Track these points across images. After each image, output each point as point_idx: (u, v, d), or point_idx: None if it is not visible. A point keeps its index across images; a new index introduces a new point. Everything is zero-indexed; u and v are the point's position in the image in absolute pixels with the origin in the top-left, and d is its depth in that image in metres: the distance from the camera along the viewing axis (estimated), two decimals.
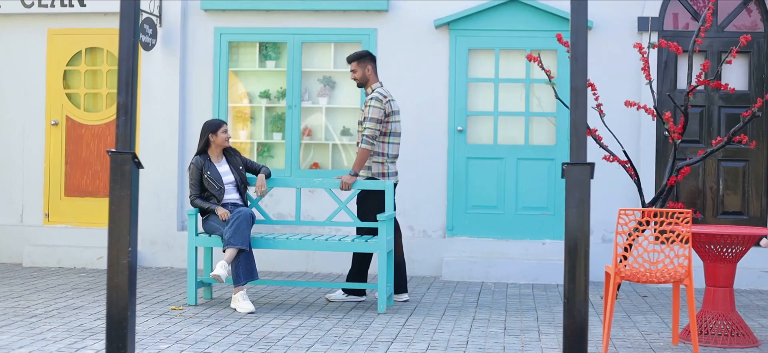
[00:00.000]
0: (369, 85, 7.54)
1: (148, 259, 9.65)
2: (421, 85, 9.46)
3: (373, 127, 7.34)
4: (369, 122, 7.35)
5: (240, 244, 7.03)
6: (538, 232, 9.39)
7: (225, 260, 7.04)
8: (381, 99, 7.40)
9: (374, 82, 7.55)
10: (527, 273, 9.03)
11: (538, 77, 9.42)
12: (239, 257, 7.07)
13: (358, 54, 7.57)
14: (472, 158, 9.43)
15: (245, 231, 7.07)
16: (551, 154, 9.38)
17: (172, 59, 9.62)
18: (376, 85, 7.53)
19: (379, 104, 7.38)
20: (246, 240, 7.06)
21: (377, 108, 7.37)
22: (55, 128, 9.94)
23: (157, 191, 9.64)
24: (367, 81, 7.53)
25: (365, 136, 7.34)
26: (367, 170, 7.48)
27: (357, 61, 7.53)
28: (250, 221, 7.15)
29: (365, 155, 7.38)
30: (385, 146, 7.48)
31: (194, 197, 7.44)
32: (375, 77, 7.57)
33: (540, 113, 9.44)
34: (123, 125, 4.46)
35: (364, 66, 7.51)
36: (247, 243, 7.06)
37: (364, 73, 7.51)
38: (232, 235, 7.05)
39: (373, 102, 7.39)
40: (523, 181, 9.39)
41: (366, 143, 7.34)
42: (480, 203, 9.42)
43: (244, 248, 7.05)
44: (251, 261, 7.13)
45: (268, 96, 9.73)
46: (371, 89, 7.51)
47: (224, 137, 7.45)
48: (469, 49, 9.44)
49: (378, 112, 7.36)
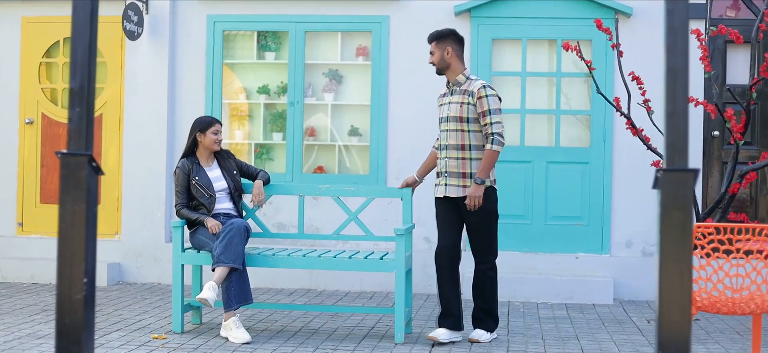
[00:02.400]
0: (453, 72, 6.06)
1: (133, 274, 8.63)
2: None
3: (499, 120, 5.93)
4: (494, 115, 5.90)
5: (232, 262, 6.01)
6: (571, 244, 8.36)
7: (214, 281, 6.02)
8: (492, 87, 6.07)
9: (462, 68, 6.09)
10: (559, 291, 8.00)
11: (570, 71, 8.40)
12: (231, 278, 6.05)
13: (437, 33, 6.13)
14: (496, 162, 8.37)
15: (238, 247, 6.05)
16: (585, 157, 8.35)
17: (160, 50, 8.60)
18: (470, 73, 6.23)
19: (494, 91, 5.99)
20: (239, 257, 6.04)
21: (495, 97, 5.95)
22: (29, 127, 8.91)
23: (143, 196, 8.62)
24: (447, 66, 6.06)
25: (496, 135, 5.87)
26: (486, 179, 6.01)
27: (436, 41, 6.09)
28: (245, 236, 6.13)
29: (494, 158, 5.93)
30: None
31: (180, 207, 6.42)
32: (462, 63, 6.11)
33: (572, 110, 8.42)
34: (77, 118, 3.43)
35: (442, 47, 6.05)
36: (241, 261, 6.04)
37: (442, 56, 6.05)
38: (223, 251, 6.03)
39: (489, 90, 5.95)
40: (554, 187, 8.37)
41: (497, 144, 5.88)
42: (504, 211, 8.37)
43: (236, 267, 6.03)
44: (245, 282, 6.11)
45: (268, 92, 8.71)
46: (465, 78, 6.06)
47: (213, 138, 6.42)
48: (492, 39, 8.41)
49: (498, 102, 5.97)
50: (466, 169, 6.00)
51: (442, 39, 6.09)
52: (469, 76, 6.08)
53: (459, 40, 6.12)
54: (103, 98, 8.81)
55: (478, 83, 5.99)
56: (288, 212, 8.49)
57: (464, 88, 6.03)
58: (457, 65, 6.08)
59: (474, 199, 5.91)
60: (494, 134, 5.89)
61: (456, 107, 6.00)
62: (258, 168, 6.69)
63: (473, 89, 5.96)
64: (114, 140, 8.77)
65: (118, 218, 8.75)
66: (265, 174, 6.61)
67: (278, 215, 8.47)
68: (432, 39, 6.15)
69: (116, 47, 8.77)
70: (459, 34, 6.13)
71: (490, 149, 5.90)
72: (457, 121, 5.99)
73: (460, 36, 6.13)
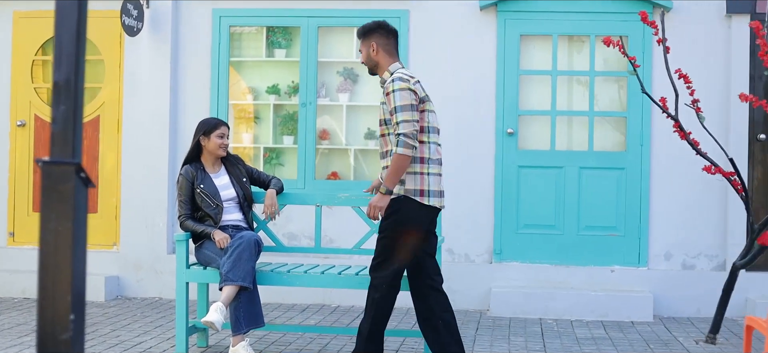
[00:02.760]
0: (382, 69, 5.21)
1: (132, 288, 8.01)
2: (463, 78, 7.81)
3: (409, 118, 4.92)
4: (400, 112, 4.92)
5: (240, 281, 5.39)
6: (606, 256, 7.73)
7: (221, 302, 5.39)
8: (406, 78, 5.03)
9: (390, 61, 5.20)
10: (594, 308, 7.37)
11: (604, 69, 7.79)
12: (240, 298, 5.43)
13: (363, 28, 5.27)
14: (524, 167, 7.78)
15: (248, 264, 5.43)
16: (621, 162, 7.73)
17: (162, 47, 7.98)
18: (395, 68, 5.17)
19: (404, 83, 4.98)
20: (248, 275, 5.42)
21: (405, 90, 4.96)
22: (21, 130, 8.30)
23: (143, 203, 8.00)
24: (375, 64, 5.22)
25: (402, 135, 4.90)
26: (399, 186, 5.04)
27: (362, 38, 5.27)
28: (255, 251, 5.51)
29: (403, 164, 4.92)
30: (423, 149, 5.06)
31: (184, 218, 5.80)
32: (390, 57, 5.20)
33: (607, 112, 7.79)
34: (62, 119, 2.83)
35: (368, 44, 5.21)
36: (250, 279, 5.42)
37: (368, 54, 5.21)
38: (231, 269, 5.42)
39: (397, 84, 4.98)
40: (587, 194, 7.74)
41: (404, 146, 4.88)
42: (534, 221, 7.77)
43: (245, 286, 5.40)
44: (255, 303, 5.49)
45: (277, 92, 8.09)
46: (389, 74, 5.15)
47: (218, 143, 5.80)
48: (521, 34, 7.79)
49: (408, 95, 4.94)
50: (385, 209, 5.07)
51: (368, 34, 5.23)
52: (392, 71, 5.15)
53: (389, 33, 5.24)
54: (100, 98, 8.19)
55: (390, 78, 5.09)
56: (299, 222, 7.87)
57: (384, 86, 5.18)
58: (385, 61, 5.20)
59: (374, 208, 4.97)
60: (400, 134, 4.91)
61: (381, 109, 5.15)
62: (270, 175, 6.07)
63: (385, 86, 5.08)
64: (112, 144, 8.15)
65: (116, 227, 8.14)
66: (278, 182, 5.99)
67: (289, 225, 7.85)
68: (358, 36, 5.31)
69: (114, 44, 8.15)
70: (389, 27, 5.26)
71: (395, 155, 4.91)
72: (383, 124, 5.12)
73: (390, 28, 5.25)
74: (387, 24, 5.27)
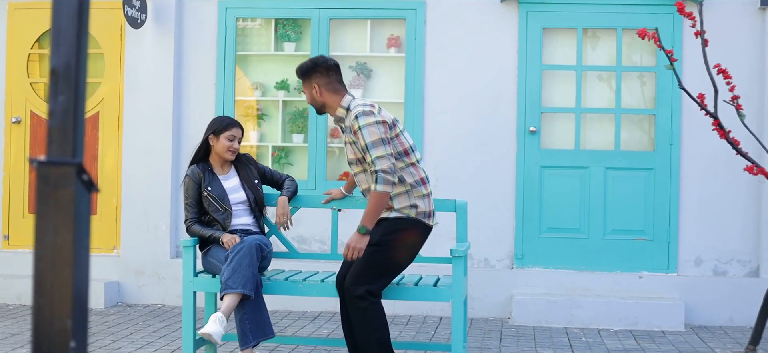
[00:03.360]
0: (331, 108, 4.96)
1: (134, 294, 7.60)
2: (483, 74, 7.41)
3: (383, 154, 4.73)
4: (373, 149, 4.73)
5: (240, 288, 4.97)
6: (633, 262, 7.33)
7: (221, 312, 4.98)
8: (370, 111, 4.81)
9: (340, 99, 4.93)
10: (622, 316, 6.98)
11: (632, 64, 7.40)
12: (244, 308, 5.02)
13: (300, 69, 5.00)
14: (547, 167, 7.38)
15: (248, 270, 5.00)
16: (649, 162, 7.33)
17: (165, 40, 7.58)
18: (348, 101, 4.93)
19: (371, 117, 4.78)
20: (249, 282, 4.99)
21: (373, 125, 4.76)
22: (16, 127, 7.89)
23: (145, 205, 7.59)
24: (321, 105, 4.98)
25: (379, 172, 4.70)
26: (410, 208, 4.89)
27: (302, 81, 5.03)
28: (257, 256, 5.07)
29: (383, 201, 4.76)
30: (417, 170, 4.91)
31: (191, 222, 5.39)
32: (337, 94, 4.93)
33: (635, 109, 7.40)
34: (61, 111, 2.42)
35: (309, 86, 4.96)
36: (252, 287, 5.00)
37: (312, 96, 4.96)
38: (230, 276, 5.01)
39: (362, 119, 4.77)
40: (613, 196, 7.34)
41: (383, 183, 4.71)
42: (558, 224, 7.38)
43: (247, 295, 4.99)
44: (261, 312, 5.07)
45: (287, 88, 7.69)
46: (344, 110, 4.92)
47: (226, 145, 5.37)
48: (543, 28, 7.39)
49: (376, 129, 4.75)
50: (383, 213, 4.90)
51: (306, 76, 4.98)
52: (347, 106, 4.92)
53: (328, 70, 4.96)
54: (100, 93, 7.78)
55: (352, 114, 4.85)
56: (310, 225, 7.46)
57: (346, 124, 4.95)
58: (332, 99, 4.95)
59: (353, 250, 4.78)
60: (377, 172, 4.72)
61: (350, 149, 4.96)
62: (284, 174, 5.65)
63: (350, 125, 4.88)
64: (112, 142, 7.74)
65: (116, 230, 7.73)
66: (292, 183, 5.58)
67: (299, 227, 7.44)
68: (298, 77, 5.06)
69: (115, 37, 7.74)
70: (328, 62, 4.98)
71: (374, 192, 4.74)
72: (355, 163, 4.97)
73: (329, 63, 4.98)
74: (325, 60, 4.99)
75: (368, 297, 4.79)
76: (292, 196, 5.53)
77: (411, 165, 4.90)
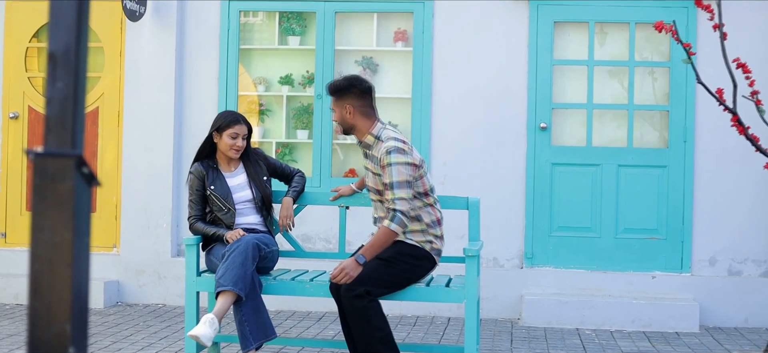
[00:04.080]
0: (360, 132, 4.84)
1: (134, 294, 7.42)
2: (493, 69, 7.23)
3: (405, 196, 4.64)
4: (398, 189, 4.63)
5: (230, 285, 4.77)
6: (646, 261, 7.16)
7: (214, 313, 4.78)
8: (403, 148, 4.70)
9: (370, 125, 4.83)
10: (636, 317, 6.80)
11: (645, 59, 7.22)
12: (242, 310, 4.83)
13: (334, 87, 4.85)
14: (558, 165, 7.21)
15: (241, 268, 4.81)
16: (662, 159, 7.16)
17: (167, 33, 7.39)
18: (379, 130, 4.82)
19: (403, 156, 4.67)
20: (241, 281, 4.79)
21: (403, 165, 4.66)
22: (14, 123, 7.70)
23: (146, 203, 7.41)
24: (351, 127, 4.86)
25: (398, 212, 4.63)
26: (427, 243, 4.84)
27: (334, 99, 4.87)
28: (254, 254, 4.88)
29: (390, 240, 4.69)
30: (435, 211, 4.87)
31: (194, 220, 5.21)
32: (368, 118, 4.82)
33: (648, 105, 7.22)
34: (60, 99, 2.24)
35: (341, 105, 4.83)
36: (243, 286, 4.79)
37: (343, 116, 4.84)
38: (223, 273, 4.82)
39: (395, 156, 4.65)
40: (625, 194, 7.17)
41: (398, 223, 4.63)
42: (568, 223, 7.20)
43: (238, 294, 4.79)
44: (261, 313, 4.89)
45: (291, 82, 7.51)
46: (374, 139, 4.82)
47: (229, 143, 5.18)
48: (554, 22, 7.22)
49: (405, 171, 4.66)
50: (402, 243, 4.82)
51: (340, 95, 4.84)
52: (378, 135, 4.81)
53: (363, 92, 4.83)
54: (99, 88, 7.60)
55: (384, 147, 4.71)
56: (314, 223, 7.29)
57: (374, 153, 4.83)
58: (363, 123, 4.83)
59: (345, 275, 4.66)
60: (396, 211, 4.64)
61: (372, 178, 4.87)
62: (295, 169, 5.47)
63: (379, 156, 4.75)
64: (112, 138, 7.56)
65: (116, 228, 7.55)
66: (301, 180, 5.40)
67: (304, 225, 7.26)
68: (330, 93, 4.91)
69: (115, 30, 7.56)
70: (363, 84, 4.85)
71: (385, 228, 4.66)
72: (375, 193, 4.87)
73: (364, 85, 4.85)
74: (361, 81, 4.86)
75: (366, 295, 4.65)
76: (299, 195, 5.35)
77: (429, 205, 4.83)
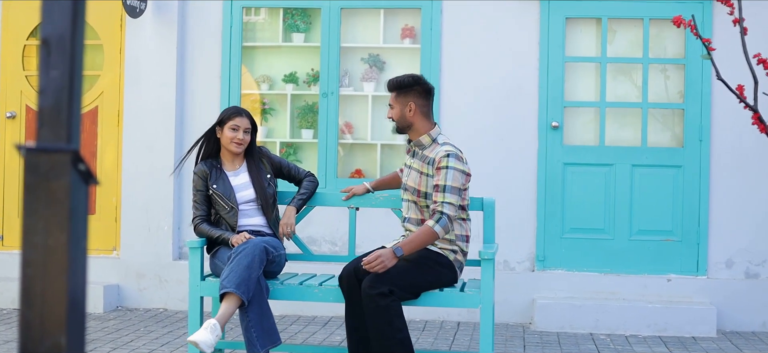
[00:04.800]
0: (416, 132, 4.77)
1: (134, 298, 7.23)
2: (503, 66, 7.04)
3: (454, 202, 4.60)
4: (450, 193, 4.57)
5: (233, 287, 4.58)
6: (661, 264, 6.96)
7: (216, 319, 4.58)
8: (461, 156, 4.69)
9: (429, 127, 4.77)
10: (651, 321, 6.61)
11: (659, 56, 7.04)
12: (249, 315, 4.65)
13: (398, 81, 4.78)
14: (570, 165, 7.02)
15: (246, 271, 4.61)
16: (677, 159, 6.96)
17: (168, 31, 7.21)
18: (437, 133, 4.78)
19: (460, 164, 4.64)
20: (244, 284, 4.60)
21: (460, 172, 4.62)
22: (11, 122, 7.51)
23: (147, 204, 7.22)
24: (408, 126, 4.77)
25: (445, 215, 4.56)
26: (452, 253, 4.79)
27: (396, 93, 4.78)
28: (261, 258, 4.70)
29: (431, 241, 4.62)
30: (467, 227, 4.82)
31: (199, 221, 5.02)
32: (428, 121, 4.77)
33: (662, 103, 7.03)
34: (54, 89, 2.05)
35: (404, 102, 4.75)
36: (247, 290, 4.60)
37: (402, 113, 4.76)
38: (227, 275, 4.64)
39: (453, 161, 4.60)
40: (640, 195, 6.98)
41: (443, 226, 4.57)
42: (581, 224, 7.01)
43: (241, 298, 4.59)
44: (267, 317, 4.71)
45: (295, 81, 7.32)
46: (430, 140, 4.75)
47: (229, 136, 5.00)
48: (566, 18, 7.03)
49: (460, 178, 4.63)
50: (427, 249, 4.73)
51: (404, 91, 4.76)
52: (435, 138, 4.76)
53: (426, 92, 4.79)
54: (99, 87, 7.41)
55: (444, 150, 4.66)
56: (320, 225, 7.09)
57: (426, 153, 4.73)
58: (422, 124, 4.77)
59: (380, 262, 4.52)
60: (443, 214, 4.58)
61: (415, 176, 4.75)
62: (304, 171, 5.27)
63: (434, 157, 4.67)
64: (112, 137, 7.37)
65: (116, 230, 7.35)
66: (311, 185, 5.20)
67: (308, 227, 7.07)
68: (391, 88, 4.81)
69: (115, 27, 7.37)
70: (426, 84, 4.81)
71: (429, 228, 4.57)
72: (415, 193, 4.75)
73: (427, 86, 4.81)
74: (425, 80, 4.81)
75: (390, 294, 4.48)
76: (305, 202, 5.15)
77: (462, 220, 4.78)
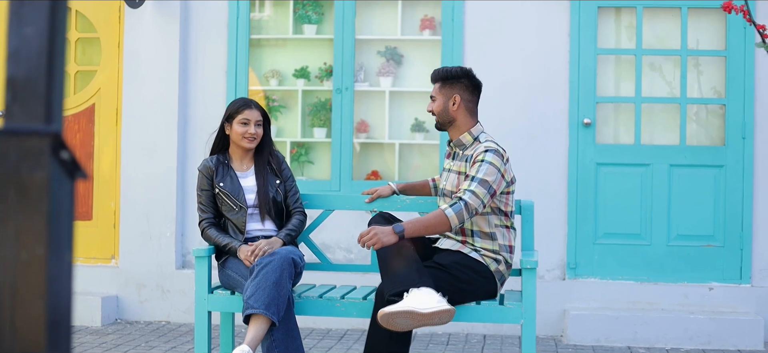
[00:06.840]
0: (457, 129, 4.45)
1: (134, 310, 6.73)
2: (530, 59, 6.56)
3: (480, 194, 4.16)
4: (477, 184, 4.17)
5: (262, 308, 4.10)
6: (702, 271, 6.47)
7: (247, 344, 4.08)
8: (503, 155, 4.30)
9: (472, 124, 4.44)
10: (693, 333, 6.12)
11: (699, 48, 6.55)
12: (273, 334, 4.16)
13: (445, 72, 4.45)
14: (603, 165, 6.53)
15: (274, 289, 4.13)
16: (719, 158, 6.48)
17: (170, 24, 6.72)
18: (479, 131, 4.44)
19: (498, 161, 4.24)
20: (274, 304, 4.12)
21: (495, 168, 4.22)
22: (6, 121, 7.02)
23: (147, 210, 6.73)
24: (451, 121, 4.44)
25: (464, 201, 4.14)
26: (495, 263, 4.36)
27: (441, 84, 4.45)
28: (290, 272, 4.22)
29: (441, 227, 4.19)
30: (510, 236, 4.40)
31: (207, 225, 4.53)
32: (472, 117, 4.45)
33: (703, 99, 6.55)
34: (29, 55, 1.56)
35: (448, 94, 4.42)
36: (276, 310, 4.13)
37: (446, 106, 4.42)
38: (253, 293, 4.15)
39: (491, 156, 4.23)
40: (678, 197, 6.49)
41: (458, 213, 4.13)
42: (616, 229, 6.52)
43: (272, 320, 4.10)
44: (294, 337, 4.25)
45: (307, 76, 6.84)
46: (472, 139, 4.41)
47: (240, 131, 4.54)
48: (599, 7, 6.54)
49: (494, 174, 4.21)
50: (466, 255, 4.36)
51: (450, 82, 4.43)
52: (477, 136, 4.43)
53: (474, 87, 4.49)
54: (96, 83, 6.92)
55: (484, 146, 4.32)
56: (333, 230, 6.60)
57: (468, 152, 4.40)
58: (465, 120, 4.44)
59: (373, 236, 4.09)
60: (462, 199, 4.16)
61: (454, 179, 4.41)
62: (298, 204, 4.72)
63: (473, 153, 4.33)
64: (110, 138, 6.89)
65: (114, 237, 6.87)
66: (299, 225, 4.64)
67: (321, 234, 6.56)
68: (436, 78, 4.47)
69: (113, 20, 6.89)
70: (475, 78, 4.51)
71: (441, 211, 4.17)
72: (451, 196, 4.37)
73: (476, 80, 4.51)
74: (473, 74, 4.45)
75: None
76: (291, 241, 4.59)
77: (506, 227, 4.39)
